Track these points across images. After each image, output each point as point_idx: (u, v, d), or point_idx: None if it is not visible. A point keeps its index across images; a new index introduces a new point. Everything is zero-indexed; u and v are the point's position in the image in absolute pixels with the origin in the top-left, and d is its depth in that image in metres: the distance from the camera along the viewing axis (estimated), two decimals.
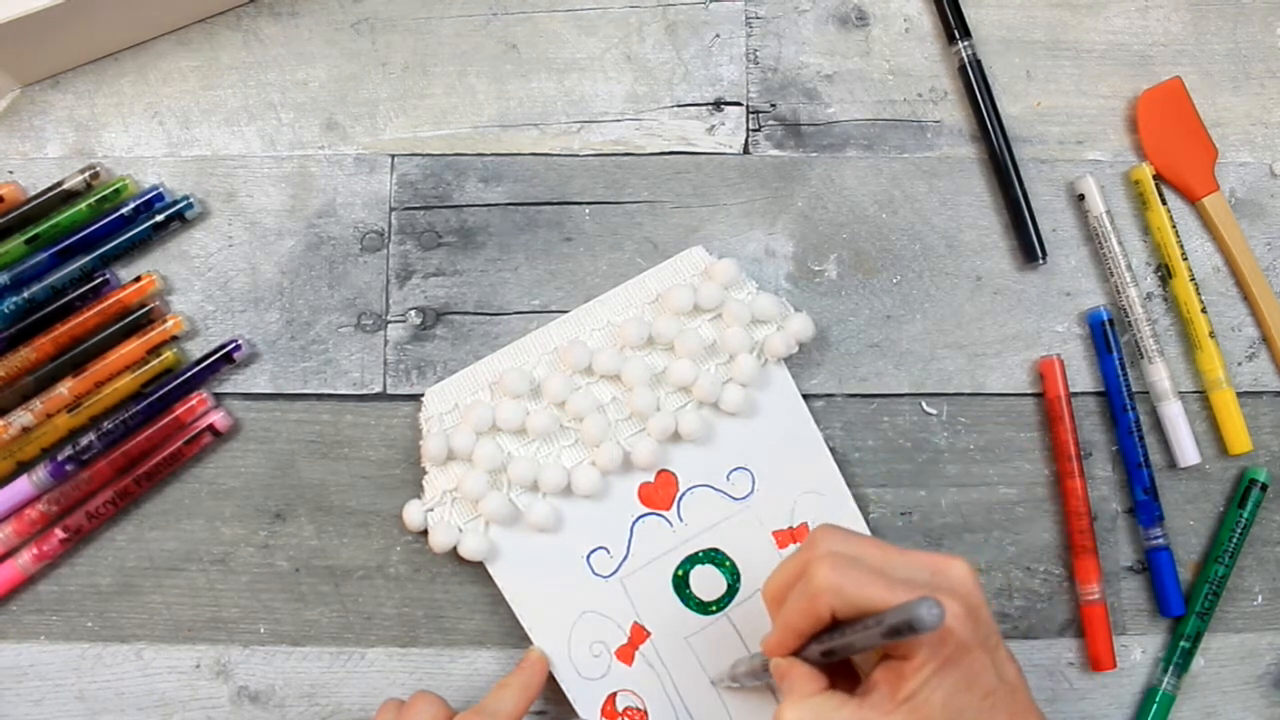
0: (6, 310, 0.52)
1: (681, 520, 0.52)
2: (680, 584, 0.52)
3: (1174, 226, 0.55)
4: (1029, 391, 0.55)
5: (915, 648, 0.38)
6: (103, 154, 0.55)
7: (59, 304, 0.52)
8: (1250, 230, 0.56)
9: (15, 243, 0.52)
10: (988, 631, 0.40)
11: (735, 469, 0.53)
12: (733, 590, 0.52)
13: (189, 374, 0.52)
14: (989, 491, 0.54)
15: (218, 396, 0.53)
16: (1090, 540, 0.53)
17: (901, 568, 0.40)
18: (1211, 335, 0.54)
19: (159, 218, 0.53)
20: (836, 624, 0.40)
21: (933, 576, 0.39)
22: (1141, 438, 0.54)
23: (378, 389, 0.54)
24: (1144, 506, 0.53)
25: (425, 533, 0.52)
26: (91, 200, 0.53)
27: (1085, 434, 0.55)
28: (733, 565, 0.52)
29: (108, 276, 0.53)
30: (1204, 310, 0.54)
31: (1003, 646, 0.40)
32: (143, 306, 0.53)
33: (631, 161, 0.55)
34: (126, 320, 0.52)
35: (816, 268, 0.55)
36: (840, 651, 0.39)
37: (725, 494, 0.53)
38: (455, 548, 0.51)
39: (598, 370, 0.52)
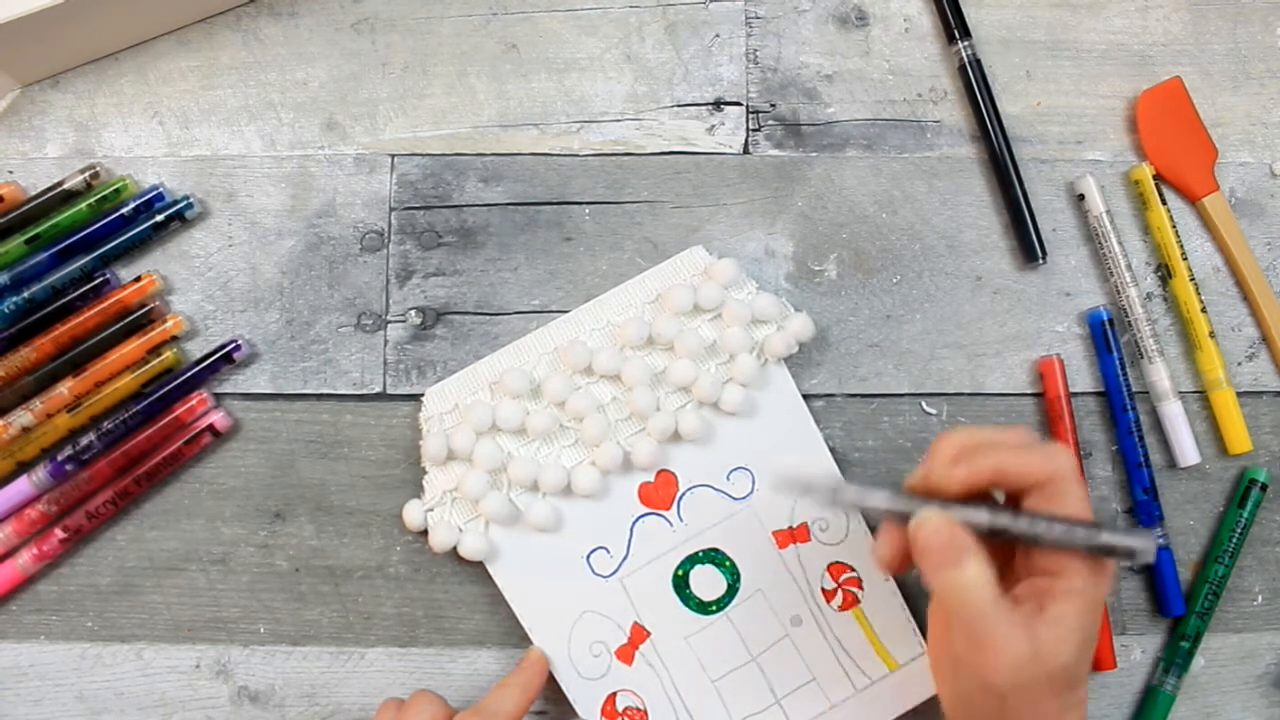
0: (6, 310, 0.52)
1: (681, 520, 0.52)
2: (680, 584, 0.52)
3: (1174, 226, 0.55)
4: (1029, 391, 0.55)
5: (1073, 571, 0.37)
6: (103, 154, 0.55)
7: (59, 304, 0.52)
8: (1250, 230, 0.56)
9: (15, 243, 0.52)
10: None
11: (735, 469, 0.53)
12: (733, 590, 0.52)
13: (189, 374, 0.52)
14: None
15: (218, 396, 0.53)
16: None
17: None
18: (1211, 335, 0.54)
19: (159, 218, 0.53)
20: (1003, 506, 0.39)
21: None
22: (1141, 438, 0.54)
23: (378, 389, 0.54)
24: (1144, 506, 0.53)
25: (425, 533, 0.52)
26: (91, 200, 0.53)
27: (1085, 434, 0.55)
28: (733, 565, 0.52)
29: (108, 276, 0.53)
30: (1204, 310, 0.54)
31: None
32: (143, 306, 0.53)
33: (631, 161, 0.55)
34: (126, 320, 0.52)
35: (816, 268, 0.55)
36: (1018, 530, 0.38)
37: (725, 494, 0.53)
38: (455, 548, 0.51)
39: (598, 370, 0.52)
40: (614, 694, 0.51)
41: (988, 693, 0.38)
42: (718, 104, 0.56)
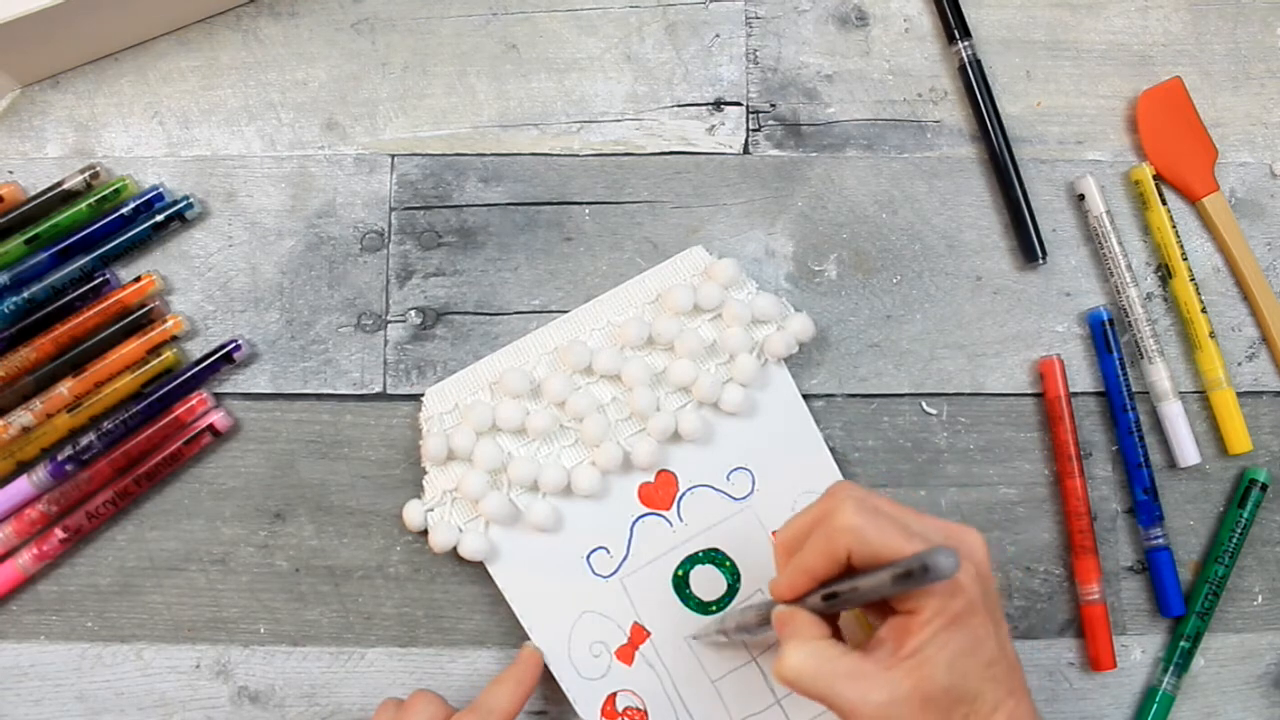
0: (6, 310, 0.52)
1: (681, 520, 0.52)
2: (680, 584, 0.52)
3: (1174, 226, 0.55)
4: (1029, 391, 0.55)
5: (923, 603, 0.38)
6: (103, 154, 0.55)
7: (59, 304, 0.52)
8: (1250, 230, 0.56)
9: (15, 243, 0.52)
10: (994, 603, 0.40)
11: (735, 469, 0.53)
12: (733, 590, 0.52)
13: (189, 374, 0.52)
14: (989, 491, 0.54)
15: (218, 396, 0.53)
16: (1090, 540, 0.53)
17: (918, 526, 0.40)
18: (1211, 335, 0.54)
19: (159, 218, 0.53)
20: (846, 574, 0.39)
21: (947, 540, 0.39)
22: (1141, 438, 0.54)
23: (378, 389, 0.54)
24: (1144, 506, 0.53)
25: (425, 533, 0.52)
26: (91, 200, 0.53)
27: (1085, 434, 0.55)
28: (733, 565, 0.52)
29: (108, 276, 0.53)
30: (1204, 310, 0.54)
31: (1005, 625, 0.40)
32: (143, 306, 0.53)
33: (631, 161, 0.55)
34: (126, 320, 0.52)
35: (816, 268, 0.55)
36: (846, 598, 0.39)
37: (725, 494, 0.53)
38: (455, 548, 0.51)
39: (598, 370, 0.52)
40: (614, 694, 0.51)
41: None
42: (718, 104, 0.56)
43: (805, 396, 0.54)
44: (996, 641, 0.39)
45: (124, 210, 0.53)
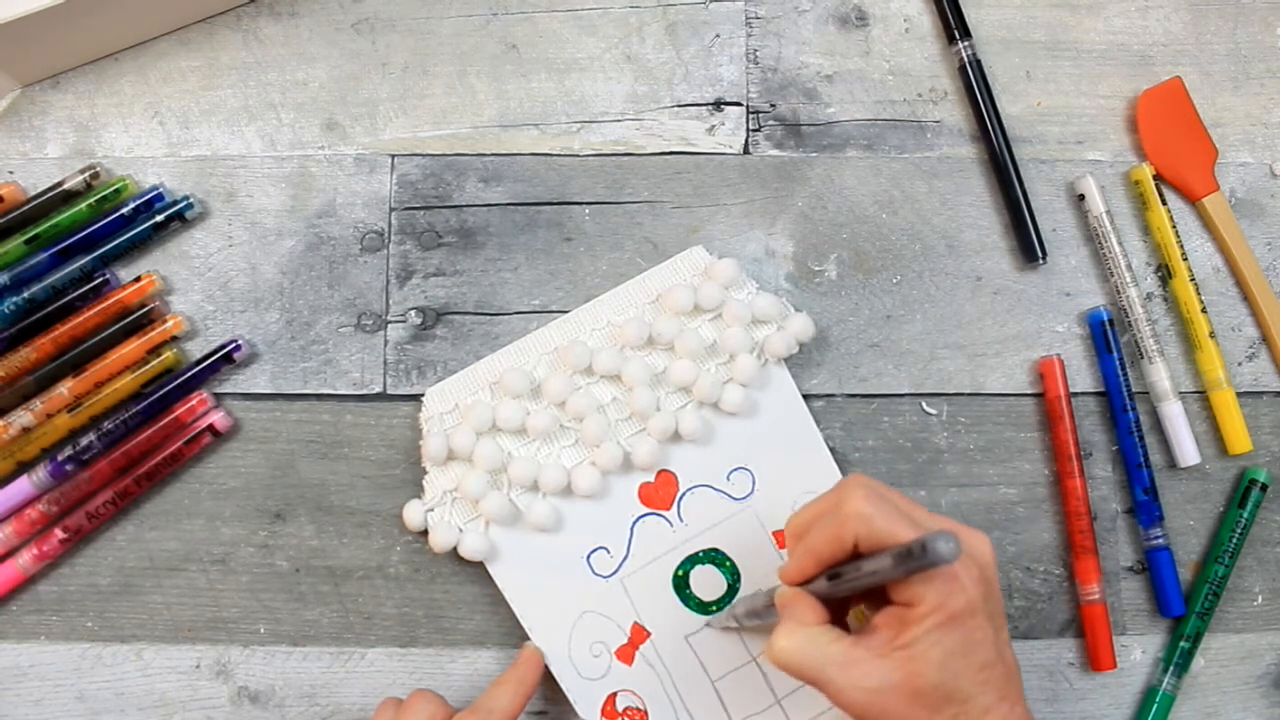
0: (6, 310, 0.52)
1: (682, 520, 0.52)
2: (680, 584, 0.52)
3: (1174, 226, 0.55)
4: (1029, 391, 0.55)
5: (922, 596, 0.38)
6: (103, 154, 0.55)
7: (59, 304, 0.52)
8: (1250, 230, 0.56)
9: (15, 243, 0.52)
10: (996, 608, 0.40)
11: (735, 469, 0.53)
12: (733, 590, 0.52)
13: (189, 374, 0.52)
14: (989, 491, 0.54)
15: (218, 396, 0.53)
16: (1090, 540, 0.53)
17: (927, 521, 0.40)
18: (1211, 335, 0.54)
19: (159, 218, 0.53)
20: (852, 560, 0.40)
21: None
22: (1141, 438, 0.54)
23: (378, 389, 0.54)
24: (1144, 506, 0.53)
25: (425, 533, 0.52)
26: (91, 200, 0.53)
27: (1085, 434, 0.55)
28: (733, 565, 0.52)
29: (108, 276, 0.53)
30: (1204, 310, 0.54)
31: (1005, 631, 0.40)
32: (143, 306, 0.53)
33: (631, 161, 0.55)
34: (126, 320, 0.52)
35: (816, 268, 0.55)
36: (849, 578, 0.39)
37: (725, 494, 0.53)
38: (455, 548, 0.51)
39: (598, 370, 0.52)
40: (614, 694, 0.51)
41: None
42: (718, 104, 0.56)
43: (805, 396, 0.54)
44: (994, 646, 0.39)
45: (124, 210, 0.53)
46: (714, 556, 0.52)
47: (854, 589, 0.40)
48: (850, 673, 0.38)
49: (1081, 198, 0.55)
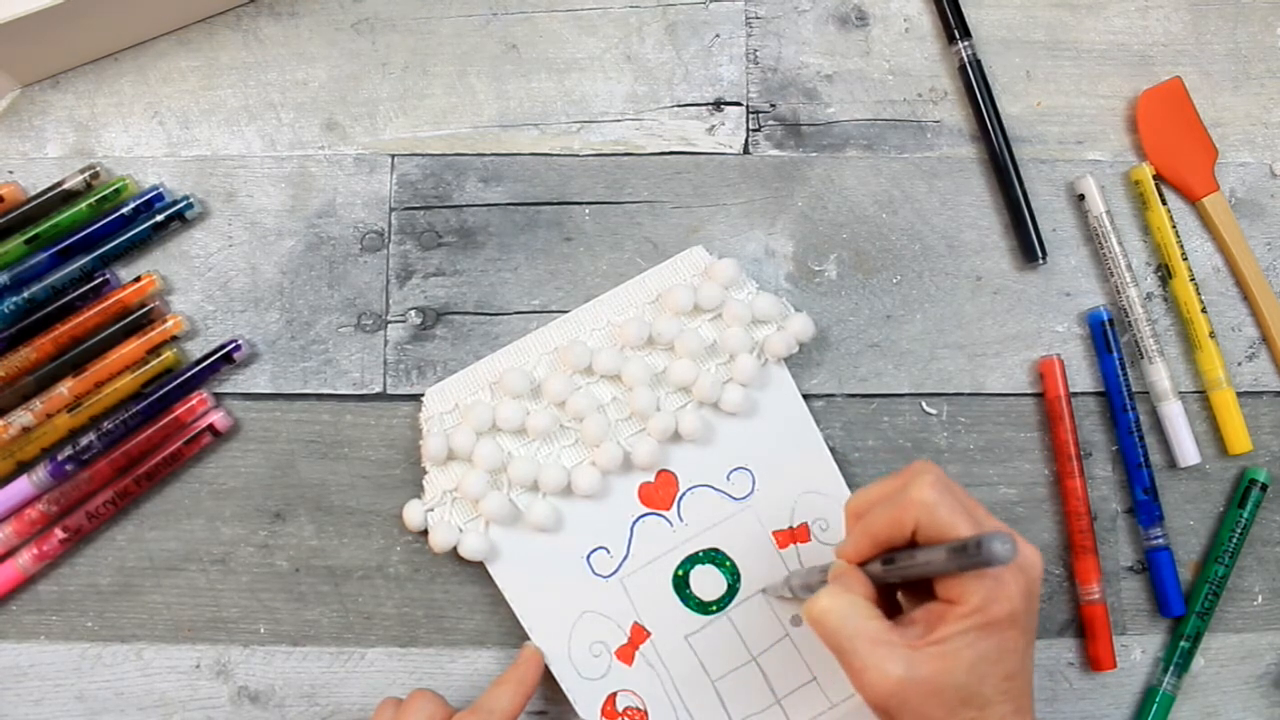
0: (6, 310, 0.52)
1: (681, 520, 0.52)
2: (680, 584, 0.52)
3: (1174, 226, 0.55)
4: (1029, 391, 0.55)
5: (966, 596, 0.38)
6: (103, 154, 0.55)
7: (59, 304, 0.52)
8: (1250, 230, 0.56)
9: (15, 243, 0.52)
10: (1032, 623, 0.40)
11: (735, 469, 0.53)
12: (733, 590, 0.52)
13: (189, 374, 0.52)
14: (989, 491, 0.54)
15: (218, 396, 0.53)
16: (1090, 540, 0.53)
17: (987, 520, 0.40)
18: (1211, 335, 0.54)
19: (159, 218, 0.53)
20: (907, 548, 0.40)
21: None
22: (1141, 438, 0.54)
23: (378, 389, 0.54)
24: (1144, 506, 0.53)
25: (425, 533, 0.52)
26: (91, 200, 0.53)
27: (1085, 434, 0.55)
28: (733, 565, 0.52)
29: (108, 276, 0.53)
30: (1204, 310, 0.54)
31: (1034, 645, 0.40)
32: (143, 306, 0.53)
33: (631, 161, 0.55)
34: (126, 320, 0.52)
35: (816, 268, 0.55)
36: (901, 564, 0.39)
37: (725, 494, 0.53)
38: (455, 548, 0.51)
39: (598, 370, 0.52)
40: (614, 694, 0.51)
41: (876, 709, 0.39)
42: (718, 104, 0.56)
43: (805, 396, 0.54)
44: (1023, 658, 0.39)
45: (124, 210, 0.53)
46: (714, 556, 0.52)
47: (905, 577, 0.40)
48: (878, 653, 0.38)
49: (1081, 198, 0.55)
